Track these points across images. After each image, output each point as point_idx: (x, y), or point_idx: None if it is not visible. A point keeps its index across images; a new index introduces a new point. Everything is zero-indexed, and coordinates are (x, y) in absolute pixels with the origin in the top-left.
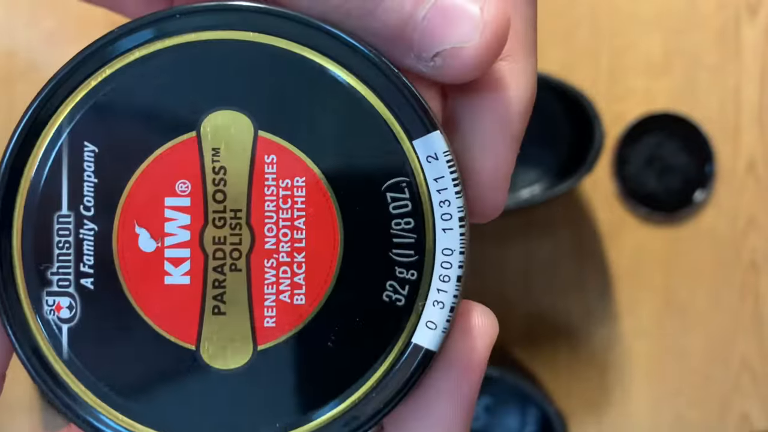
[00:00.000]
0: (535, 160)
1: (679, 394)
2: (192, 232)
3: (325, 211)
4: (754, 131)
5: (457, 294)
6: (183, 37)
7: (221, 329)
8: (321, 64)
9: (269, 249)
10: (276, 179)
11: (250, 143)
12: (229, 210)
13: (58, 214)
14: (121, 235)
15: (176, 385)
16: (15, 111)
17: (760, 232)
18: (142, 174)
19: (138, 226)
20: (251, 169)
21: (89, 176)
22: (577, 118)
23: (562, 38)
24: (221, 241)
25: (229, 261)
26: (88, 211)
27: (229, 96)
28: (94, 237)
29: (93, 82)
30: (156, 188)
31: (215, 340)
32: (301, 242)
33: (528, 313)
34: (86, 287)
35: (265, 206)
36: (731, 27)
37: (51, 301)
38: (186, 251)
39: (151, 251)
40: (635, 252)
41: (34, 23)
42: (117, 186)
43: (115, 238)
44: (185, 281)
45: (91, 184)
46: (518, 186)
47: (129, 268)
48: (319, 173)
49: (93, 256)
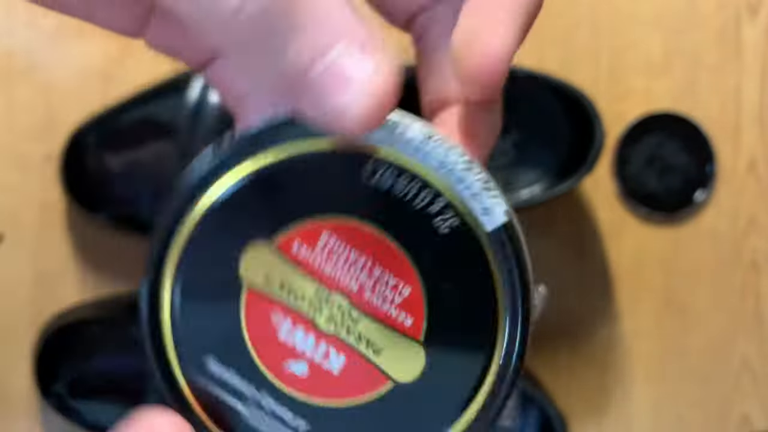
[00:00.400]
0: (535, 159)
1: (679, 394)
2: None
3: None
4: (754, 131)
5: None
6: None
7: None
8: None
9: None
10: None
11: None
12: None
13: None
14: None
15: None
16: (14, 111)
17: (761, 232)
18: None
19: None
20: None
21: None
22: (577, 118)
23: (562, 38)
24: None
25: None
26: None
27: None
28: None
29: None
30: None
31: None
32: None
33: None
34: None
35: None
36: (731, 27)
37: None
38: (315, 339)
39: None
40: (636, 252)
41: (34, 23)
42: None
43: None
44: (341, 362)
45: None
46: (518, 186)
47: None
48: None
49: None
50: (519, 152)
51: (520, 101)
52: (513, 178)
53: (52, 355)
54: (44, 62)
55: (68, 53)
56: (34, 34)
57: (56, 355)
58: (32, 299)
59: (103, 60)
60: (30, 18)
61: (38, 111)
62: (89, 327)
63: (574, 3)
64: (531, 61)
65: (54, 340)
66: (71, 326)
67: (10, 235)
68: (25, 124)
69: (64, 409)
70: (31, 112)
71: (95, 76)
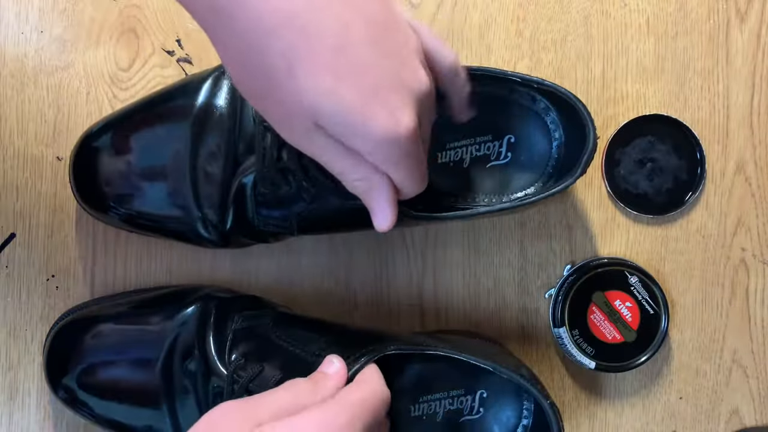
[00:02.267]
0: (529, 162)
1: (670, 389)
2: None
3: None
4: (743, 133)
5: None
6: None
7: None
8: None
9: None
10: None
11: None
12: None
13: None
14: None
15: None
16: (26, 114)
17: (749, 233)
18: None
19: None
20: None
21: None
22: (571, 122)
23: (556, 43)
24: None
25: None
26: None
27: None
28: None
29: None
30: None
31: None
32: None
33: (523, 310)
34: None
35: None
36: (721, 32)
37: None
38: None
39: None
40: (627, 251)
41: (45, 28)
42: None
43: None
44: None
45: None
46: (512, 187)
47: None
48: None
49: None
50: (514, 154)
51: (515, 104)
52: (507, 180)
53: (62, 349)
54: (54, 66)
55: (77, 57)
56: (44, 39)
57: (66, 349)
58: (43, 297)
59: (113, 65)
60: (40, 23)
61: (49, 114)
62: (98, 322)
63: (568, 8)
64: (526, 65)
65: (64, 335)
66: (80, 321)
67: (22, 235)
68: (37, 127)
69: (74, 403)
70: (42, 116)
71: (105, 80)
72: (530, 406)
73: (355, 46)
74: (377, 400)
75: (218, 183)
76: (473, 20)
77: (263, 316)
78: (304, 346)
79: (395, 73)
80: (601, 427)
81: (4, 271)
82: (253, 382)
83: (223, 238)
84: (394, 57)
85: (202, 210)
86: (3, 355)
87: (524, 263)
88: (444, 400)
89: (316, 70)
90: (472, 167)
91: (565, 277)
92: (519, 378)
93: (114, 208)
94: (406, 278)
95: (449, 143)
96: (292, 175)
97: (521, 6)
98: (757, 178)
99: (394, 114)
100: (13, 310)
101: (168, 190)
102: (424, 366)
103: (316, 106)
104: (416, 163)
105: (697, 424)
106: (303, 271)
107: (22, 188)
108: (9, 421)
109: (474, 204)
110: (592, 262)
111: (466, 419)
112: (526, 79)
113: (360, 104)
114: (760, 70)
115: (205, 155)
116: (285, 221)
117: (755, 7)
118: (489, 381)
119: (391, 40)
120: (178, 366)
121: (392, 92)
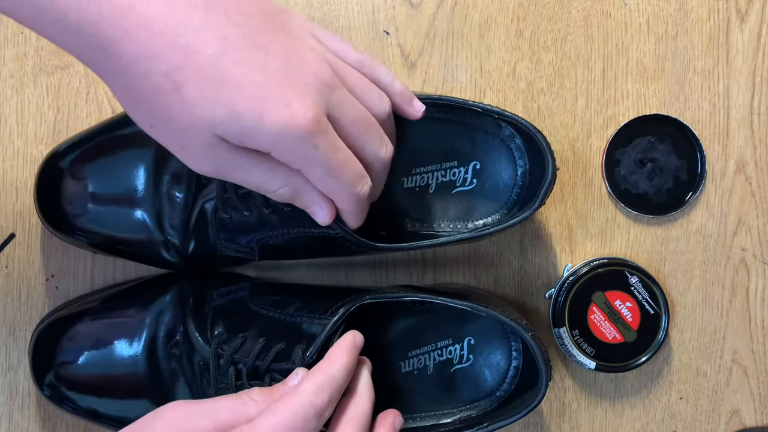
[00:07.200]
0: (494, 189)
1: (670, 390)
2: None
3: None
4: (743, 133)
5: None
6: None
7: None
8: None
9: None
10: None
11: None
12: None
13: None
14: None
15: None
16: (25, 114)
17: (749, 233)
18: None
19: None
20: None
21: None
22: (533, 151)
23: (556, 43)
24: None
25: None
26: None
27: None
28: None
29: None
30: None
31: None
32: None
33: (523, 310)
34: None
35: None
36: (721, 32)
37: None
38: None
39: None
40: (627, 251)
41: None
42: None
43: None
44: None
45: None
46: (476, 215)
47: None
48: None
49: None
50: (479, 181)
51: (480, 131)
52: (472, 206)
53: (46, 346)
54: (54, 65)
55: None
56: (45, 40)
57: (49, 346)
58: (43, 297)
59: None
60: None
61: (49, 114)
62: (81, 318)
63: (568, 9)
64: (526, 65)
65: (47, 332)
66: (63, 319)
67: (22, 235)
68: (36, 127)
69: (59, 399)
70: (42, 116)
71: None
72: (518, 346)
73: (237, 52)
74: (299, 420)
75: (181, 207)
76: (473, 20)
77: (241, 289)
78: (283, 309)
79: (284, 69)
80: (601, 427)
81: (4, 271)
82: (237, 353)
83: (186, 262)
84: (281, 56)
85: (164, 233)
86: (3, 355)
87: (524, 263)
88: (433, 353)
89: (201, 82)
90: (437, 193)
91: (565, 277)
92: (497, 314)
93: (78, 231)
94: (406, 278)
95: (415, 168)
96: (253, 201)
97: (521, 6)
98: (757, 178)
99: (289, 106)
100: (13, 310)
101: (131, 214)
102: (409, 320)
103: (210, 115)
104: (335, 160)
105: (697, 425)
106: (303, 271)
107: (22, 188)
108: (9, 421)
109: (439, 230)
110: (592, 262)
111: (457, 368)
112: (487, 109)
113: (252, 103)
114: (760, 70)
115: (169, 178)
116: (246, 247)
117: (755, 7)
118: (474, 327)
119: (276, 42)
120: (162, 352)
121: (284, 87)
